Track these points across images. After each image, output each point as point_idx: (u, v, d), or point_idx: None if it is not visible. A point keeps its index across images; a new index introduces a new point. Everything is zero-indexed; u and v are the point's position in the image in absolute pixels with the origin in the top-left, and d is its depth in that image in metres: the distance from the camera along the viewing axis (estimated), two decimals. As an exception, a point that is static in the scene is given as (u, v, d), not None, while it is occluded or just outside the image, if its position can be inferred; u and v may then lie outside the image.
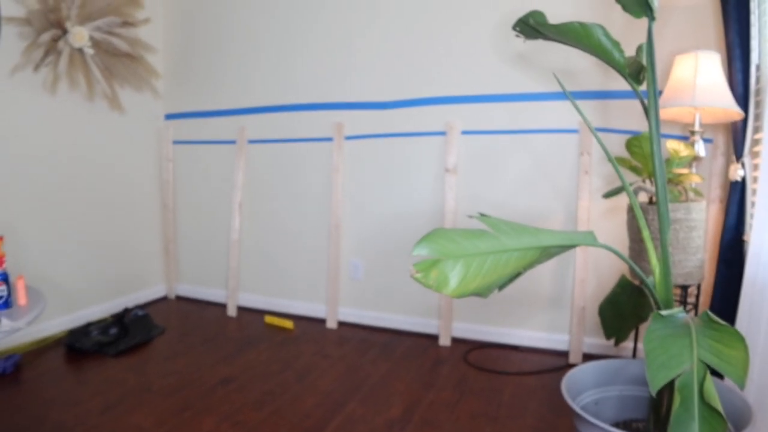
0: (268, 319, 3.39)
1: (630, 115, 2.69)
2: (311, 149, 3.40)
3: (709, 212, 2.53)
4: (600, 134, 2.73)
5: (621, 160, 2.31)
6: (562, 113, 2.81)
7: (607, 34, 1.54)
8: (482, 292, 1.27)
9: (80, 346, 2.82)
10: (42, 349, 2.88)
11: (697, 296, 2.40)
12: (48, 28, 2.87)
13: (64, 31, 2.93)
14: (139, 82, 3.53)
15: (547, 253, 1.36)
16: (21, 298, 1.95)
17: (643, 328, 2.57)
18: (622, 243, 2.68)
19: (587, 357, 2.81)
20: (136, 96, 3.58)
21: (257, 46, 3.49)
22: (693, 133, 2.30)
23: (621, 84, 2.64)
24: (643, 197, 2.51)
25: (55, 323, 3.06)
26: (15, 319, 1.76)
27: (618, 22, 2.61)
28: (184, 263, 3.92)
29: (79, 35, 2.94)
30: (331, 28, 3.27)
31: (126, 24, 3.28)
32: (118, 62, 3.30)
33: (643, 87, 1.59)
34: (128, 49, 3.27)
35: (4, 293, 1.87)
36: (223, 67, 3.62)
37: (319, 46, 3.31)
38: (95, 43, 3.09)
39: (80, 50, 3.03)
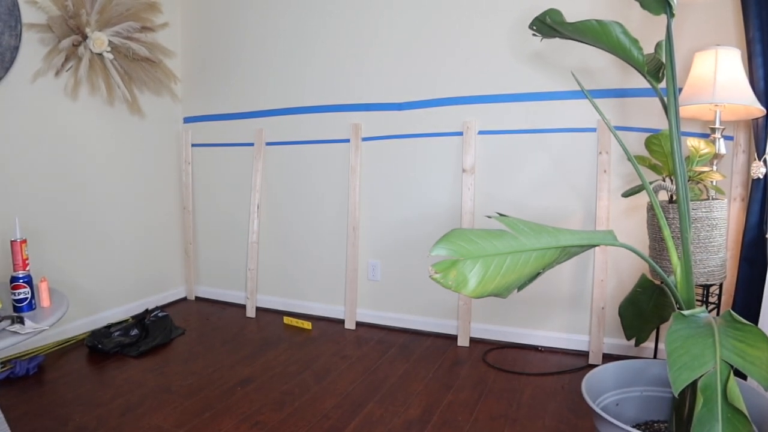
0: (287, 320, 3.41)
1: (649, 113, 2.66)
2: (328, 151, 3.41)
3: (730, 210, 2.50)
4: (619, 133, 2.70)
5: (640, 159, 2.29)
6: (580, 112, 2.79)
7: (625, 32, 1.53)
8: (501, 293, 1.27)
9: (102, 348, 2.85)
10: (64, 350, 2.92)
11: (719, 295, 2.36)
12: (68, 34, 2.91)
13: (84, 37, 2.97)
14: (158, 86, 3.57)
15: (567, 252, 1.35)
16: (44, 300, 1.98)
17: (664, 328, 2.54)
18: (643, 242, 2.66)
19: (607, 358, 2.78)
20: (155, 100, 3.62)
21: (274, 48, 3.51)
22: (713, 130, 2.26)
23: (639, 82, 2.61)
24: (663, 196, 2.49)
25: (77, 325, 3.11)
26: (38, 320, 1.78)
27: (636, 20, 2.59)
28: (204, 265, 3.95)
29: (99, 40, 2.99)
30: (347, 30, 3.28)
31: (145, 29, 3.32)
32: (138, 67, 3.34)
33: (663, 84, 1.58)
34: (147, 53, 3.31)
35: (28, 295, 1.90)
36: (240, 70, 3.65)
37: (336, 48, 3.32)
38: (114, 48, 3.13)
39: (100, 55, 3.07)
